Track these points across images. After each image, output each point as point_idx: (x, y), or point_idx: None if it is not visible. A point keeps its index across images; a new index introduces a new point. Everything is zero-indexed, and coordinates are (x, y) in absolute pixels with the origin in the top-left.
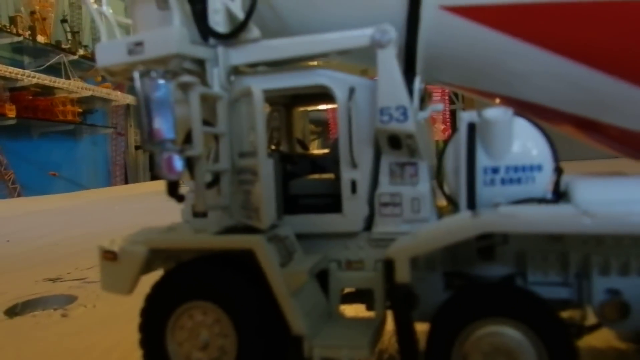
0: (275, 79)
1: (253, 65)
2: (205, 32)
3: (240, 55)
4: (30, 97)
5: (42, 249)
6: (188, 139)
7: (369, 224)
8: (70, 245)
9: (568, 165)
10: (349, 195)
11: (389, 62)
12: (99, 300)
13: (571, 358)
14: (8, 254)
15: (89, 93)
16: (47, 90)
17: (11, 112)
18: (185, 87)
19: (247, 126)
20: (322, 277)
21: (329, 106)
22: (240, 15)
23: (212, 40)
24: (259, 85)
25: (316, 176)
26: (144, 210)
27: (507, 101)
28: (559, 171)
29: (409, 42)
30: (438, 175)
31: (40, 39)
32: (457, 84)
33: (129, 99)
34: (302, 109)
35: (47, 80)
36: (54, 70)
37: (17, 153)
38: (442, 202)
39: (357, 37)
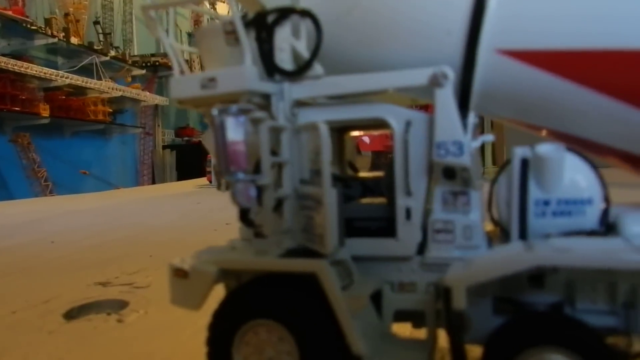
0: (336, 111)
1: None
2: (272, 69)
3: (303, 90)
4: (63, 97)
5: (86, 251)
6: (257, 168)
7: (421, 248)
8: (114, 248)
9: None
10: (403, 222)
11: (446, 101)
12: (150, 306)
13: None
14: (56, 256)
15: (119, 93)
16: (80, 91)
17: (45, 111)
18: (256, 122)
19: (308, 155)
20: (374, 297)
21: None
22: (305, 54)
23: (277, 77)
24: (320, 117)
25: (369, 200)
26: (176, 212)
27: (554, 134)
28: (607, 202)
29: (464, 80)
30: (488, 201)
31: (74, 40)
32: (506, 117)
33: (157, 100)
34: (353, 134)
35: (79, 80)
36: (86, 71)
37: (50, 151)
38: (489, 225)
39: (417, 76)
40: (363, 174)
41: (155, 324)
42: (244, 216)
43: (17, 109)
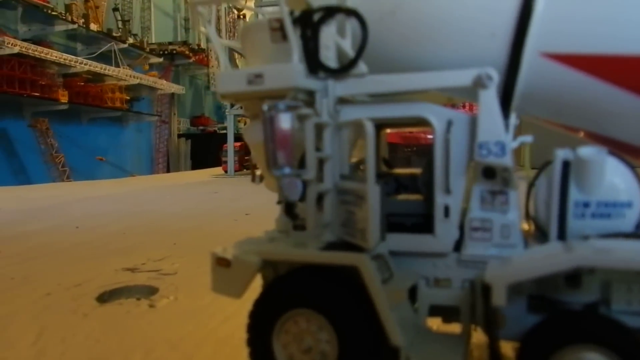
0: (377, 109)
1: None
2: (316, 66)
3: (347, 87)
4: (82, 84)
5: (110, 237)
6: (301, 162)
7: (457, 245)
8: (136, 235)
9: None
10: (441, 219)
11: (490, 102)
12: (179, 293)
13: None
14: (82, 241)
15: (136, 81)
16: (98, 77)
17: (64, 97)
18: (302, 118)
19: (348, 150)
20: (409, 292)
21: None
22: (350, 52)
23: (321, 74)
24: (362, 114)
25: (406, 196)
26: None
27: (591, 136)
28: None
29: (507, 82)
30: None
31: (93, 26)
32: (544, 118)
33: (173, 88)
34: (389, 130)
35: (98, 67)
36: (105, 57)
37: (67, 137)
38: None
39: (461, 76)
40: (397, 170)
41: (185, 310)
42: (290, 209)
43: (36, 94)
